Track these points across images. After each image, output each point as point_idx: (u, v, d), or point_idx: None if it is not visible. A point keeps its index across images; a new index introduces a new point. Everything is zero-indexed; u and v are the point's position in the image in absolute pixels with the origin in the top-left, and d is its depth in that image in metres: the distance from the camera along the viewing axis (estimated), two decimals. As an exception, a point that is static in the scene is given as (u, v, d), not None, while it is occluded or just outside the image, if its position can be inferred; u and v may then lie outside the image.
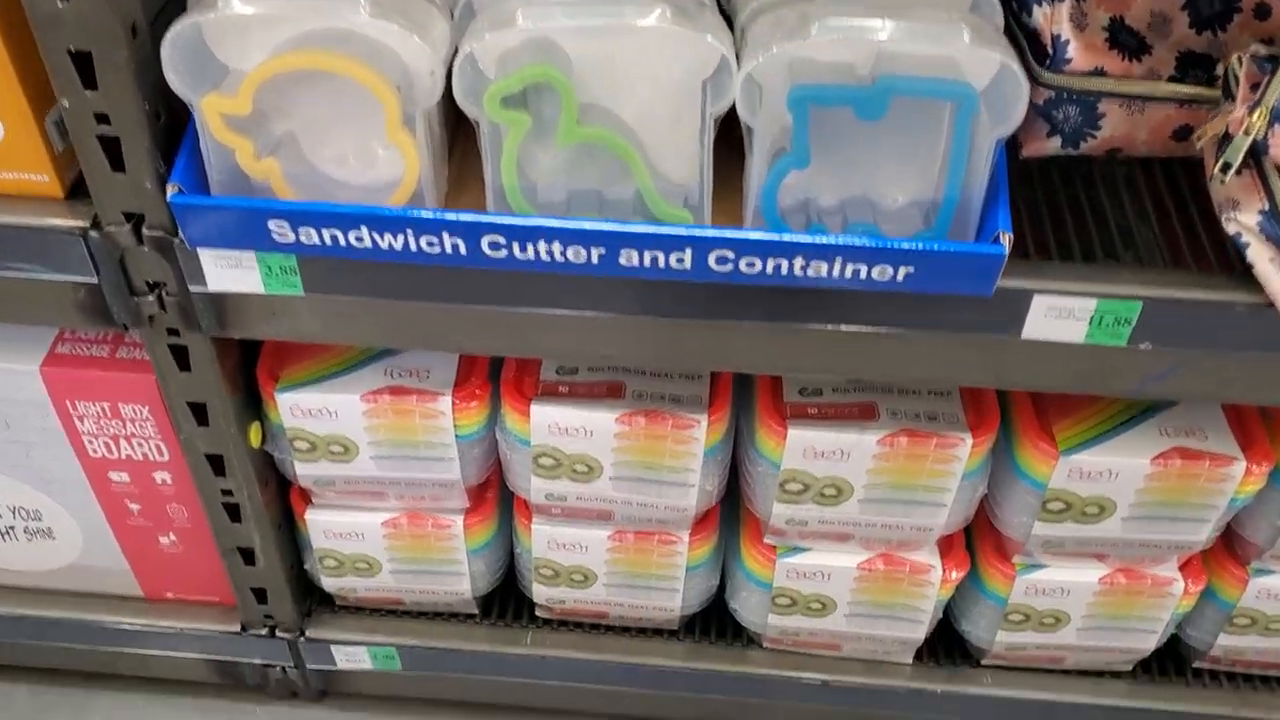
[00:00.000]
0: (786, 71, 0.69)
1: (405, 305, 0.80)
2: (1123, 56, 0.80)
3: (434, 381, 0.92)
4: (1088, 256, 0.81)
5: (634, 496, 0.96)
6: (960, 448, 0.89)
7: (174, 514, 1.03)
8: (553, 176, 0.76)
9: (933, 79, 0.68)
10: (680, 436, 0.91)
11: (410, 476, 0.97)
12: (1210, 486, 0.89)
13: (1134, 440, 0.89)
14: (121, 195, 0.76)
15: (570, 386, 0.92)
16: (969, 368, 0.80)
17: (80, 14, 0.67)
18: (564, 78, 0.70)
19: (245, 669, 1.15)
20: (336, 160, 0.77)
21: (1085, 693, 1.09)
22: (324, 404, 0.91)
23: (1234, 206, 0.74)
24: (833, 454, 0.90)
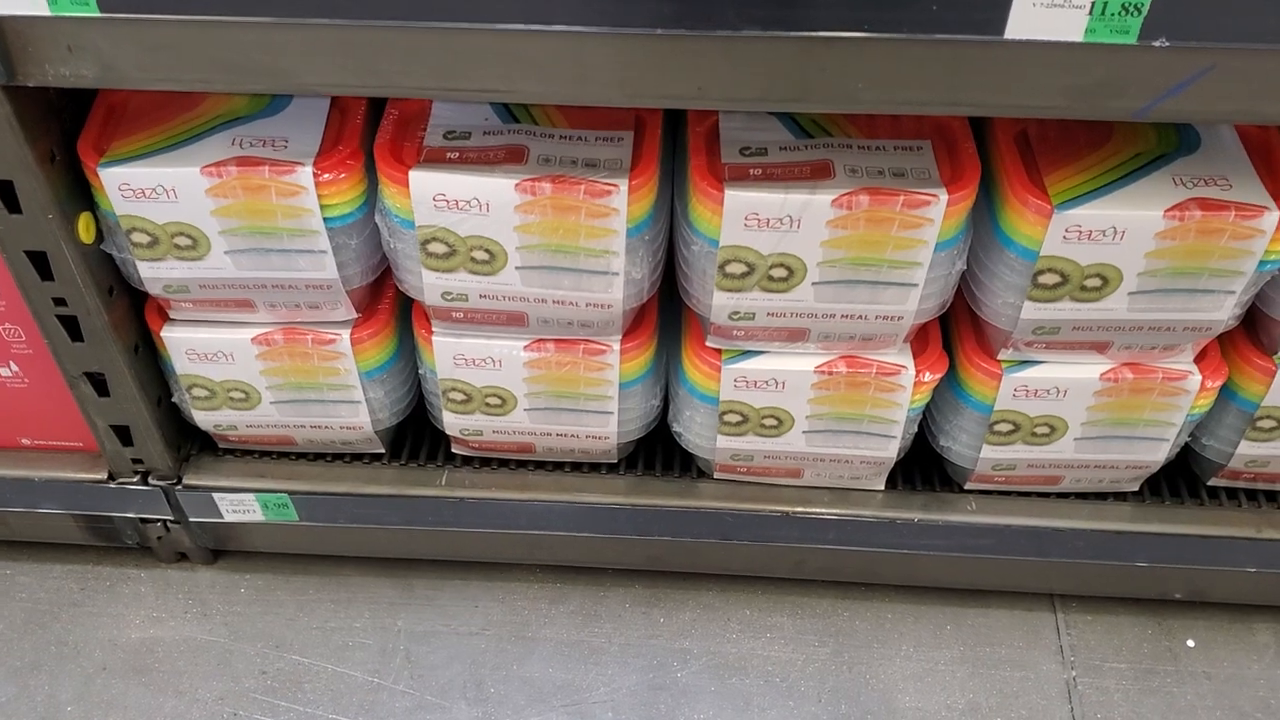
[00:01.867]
0: None
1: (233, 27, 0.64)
2: None
3: (292, 151, 0.76)
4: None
5: (548, 291, 0.80)
6: (932, 207, 0.73)
7: (9, 336, 0.87)
8: None
9: None
10: (597, 208, 0.75)
11: (277, 276, 0.81)
12: (1234, 246, 0.74)
13: (1143, 191, 0.74)
14: None
15: (460, 152, 0.76)
16: (936, 86, 0.64)
17: None
18: None
19: (120, 525, 1.00)
20: None
21: (1084, 518, 0.95)
22: (159, 180, 0.75)
23: None
24: (779, 222, 0.74)
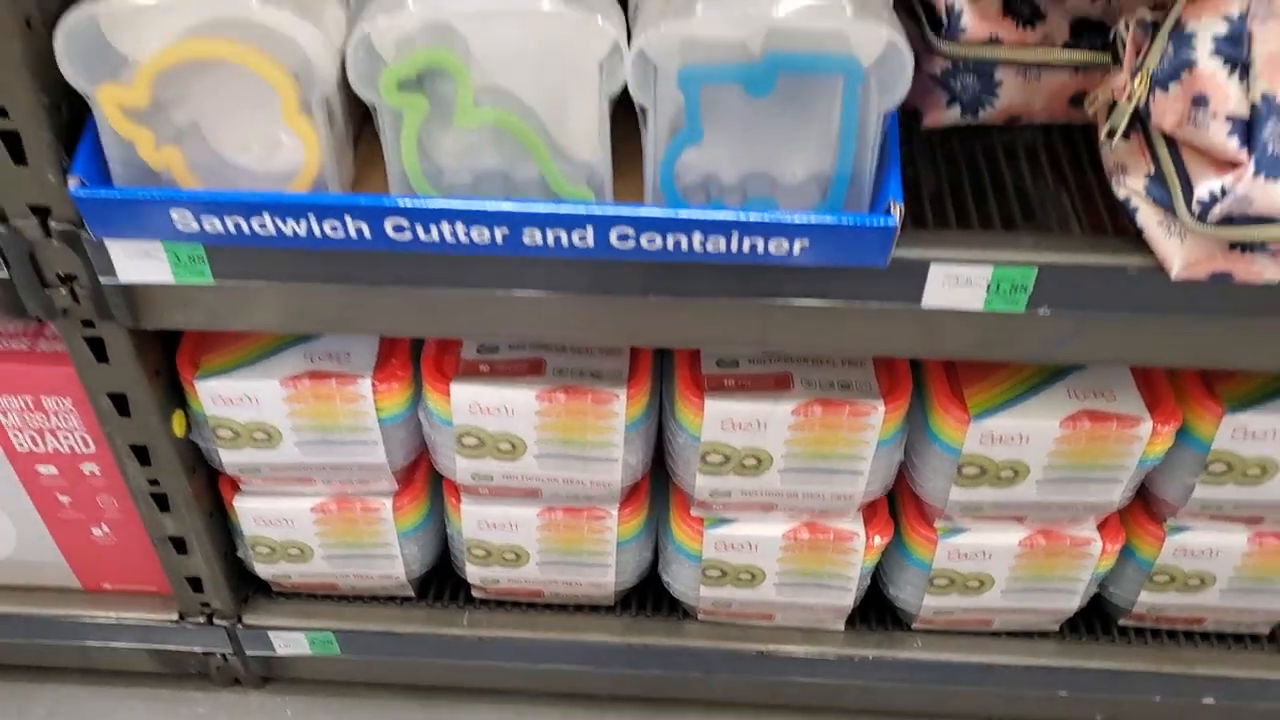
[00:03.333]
0: (678, 51, 0.70)
1: (316, 289, 0.81)
2: (1017, 24, 0.81)
3: (354, 365, 0.93)
4: (986, 224, 0.82)
5: (559, 473, 0.97)
6: (873, 415, 0.90)
7: (105, 505, 1.03)
8: (458, 159, 0.76)
9: (816, 54, 0.69)
10: (601, 411, 0.92)
11: (336, 461, 0.98)
12: (1119, 448, 0.91)
13: (1043, 404, 0.91)
14: (26, 189, 0.76)
15: (490, 365, 0.93)
16: (873, 338, 0.82)
17: (-30, 9, 0.68)
18: (458, 60, 0.70)
19: (186, 657, 1.16)
20: (239, 147, 0.77)
21: (1015, 654, 1.11)
22: (244, 391, 0.92)
23: (1123, 171, 0.76)
24: (750, 425, 0.91)
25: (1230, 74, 0.68)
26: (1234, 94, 0.68)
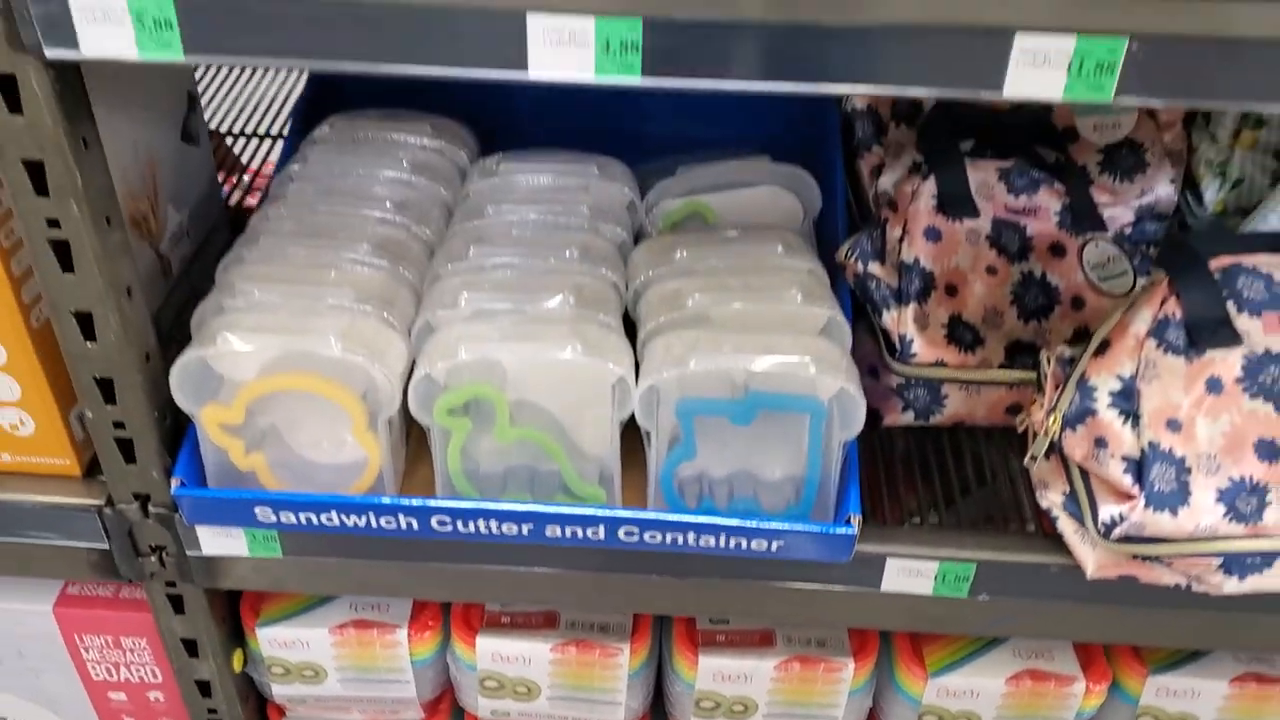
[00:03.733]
0: (676, 387, 0.86)
1: (368, 564, 0.96)
2: (959, 349, 0.98)
3: (392, 615, 1.07)
4: (937, 516, 0.97)
5: (569, 712, 1.10)
6: (844, 671, 1.04)
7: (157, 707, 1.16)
8: (493, 457, 0.92)
9: (789, 395, 0.85)
10: (607, 663, 1.05)
11: (372, 695, 1.11)
12: (1058, 702, 1.04)
13: (992, 662, 1.04)
14: (133, 482, 0.92)
15: (511, 618, 1.07)
16: (842, 613, 0.96)
17: (105, 351, 0.84)
18: (498, 392, 0.87)
19: None
20: (312, 446, 0.93)
21: None
22: (297, 637, 1.06)
23: (1045, 486, 0.91)
24: (738, 677, 1.05)
25: (1124, 422, 0.83)
26: (1128, 439, 0.83)
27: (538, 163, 1.05)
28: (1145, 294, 0.86)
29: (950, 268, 0.99)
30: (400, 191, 1.02)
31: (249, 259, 0.93)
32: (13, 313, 0.86)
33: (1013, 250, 1.01)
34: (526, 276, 0.93)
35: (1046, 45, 0.65)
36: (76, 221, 0.77)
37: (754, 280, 0.92)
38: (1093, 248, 1.03)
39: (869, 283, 0.99)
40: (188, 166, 1.09)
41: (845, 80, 0.68)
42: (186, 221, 1.10)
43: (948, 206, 1.00)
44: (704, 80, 0.68)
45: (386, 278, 0.93)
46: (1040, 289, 1.01)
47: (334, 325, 0.86)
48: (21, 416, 0.92)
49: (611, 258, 0.97)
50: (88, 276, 0.80)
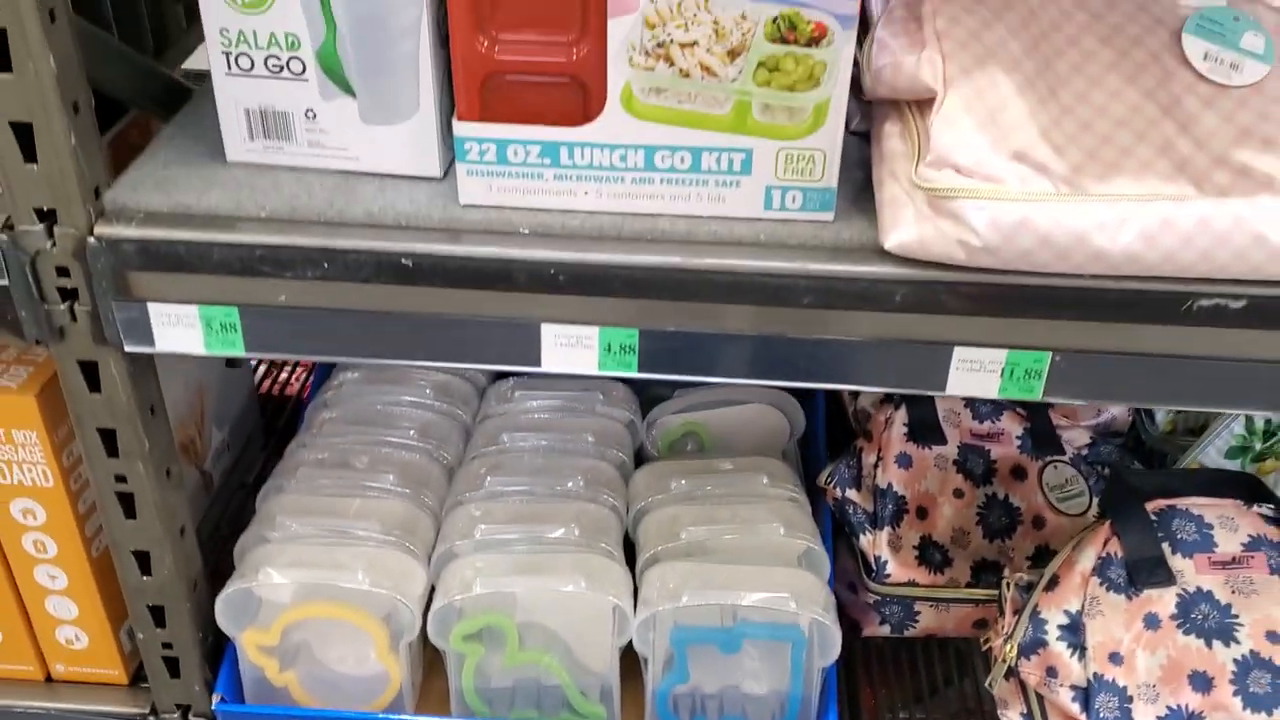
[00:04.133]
0: (671, 615, 0.96)
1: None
2: (929, 570, 1.08)
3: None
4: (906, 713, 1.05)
5: None
6: None
7: None
8: (503, 673, 1.01)
9: (773, 625, 0.95)
10: None
11: None
12: None
13: None
14: (176, 693, 1.01)
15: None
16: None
17: (158, 584, 0.94)
18: (509, 620, 0.96)
19: None
20: (339, 661, 1.02)
21: None
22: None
23: (1005, 704, 1.00)
24: None
25: (1072, 654, 0.92)
26: (1075, 670, 0.92)
27: (548, 390, 1.16)
28: (1090, 533, 0.96)
29: (921, 491, 1.10)
30: (423, 416, 1.13)
31: (286, 489, 1.03)
32: (76, 545, 0.96)
33: (978, 474, 1.12)
34: (536, 504, 1.03)
35: (982, 356, 0.76)
36: (141, 478, 0.88)
37: (742, 511, 1.02)
38: (1052, 470, 1.13)
39: (847, 508, 1.09)
40: (230, 388, 1.20)
41: (818, 380, 0.79)
42: (228, 437, 1.21)
43: (918, 434, 1.10)
44: (691, 375, 0.79)
45: (409, 505, 1.03)
46: (1003, 510, 1.11)
47: (361, 557, 0.96)
48: (77, 633, 1.02)
49: (614, 481, 1.08)
50: (148, 523, 0.90)
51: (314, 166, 0.81)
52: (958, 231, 0.70)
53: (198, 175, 0.81)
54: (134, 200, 0.78)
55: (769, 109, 0.73)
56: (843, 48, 0.71)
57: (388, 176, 0.81)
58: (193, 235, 0.76)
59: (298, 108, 0.79)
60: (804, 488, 1.08)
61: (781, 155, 0.75)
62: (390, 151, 0.80)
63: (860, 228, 0.77)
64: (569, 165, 0.76)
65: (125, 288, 0.78)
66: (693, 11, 0.70)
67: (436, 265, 0.76)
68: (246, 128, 0.80)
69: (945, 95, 0.70)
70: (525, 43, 0.73)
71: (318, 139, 0.80)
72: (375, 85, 0.78)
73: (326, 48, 0.77)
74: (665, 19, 0.70)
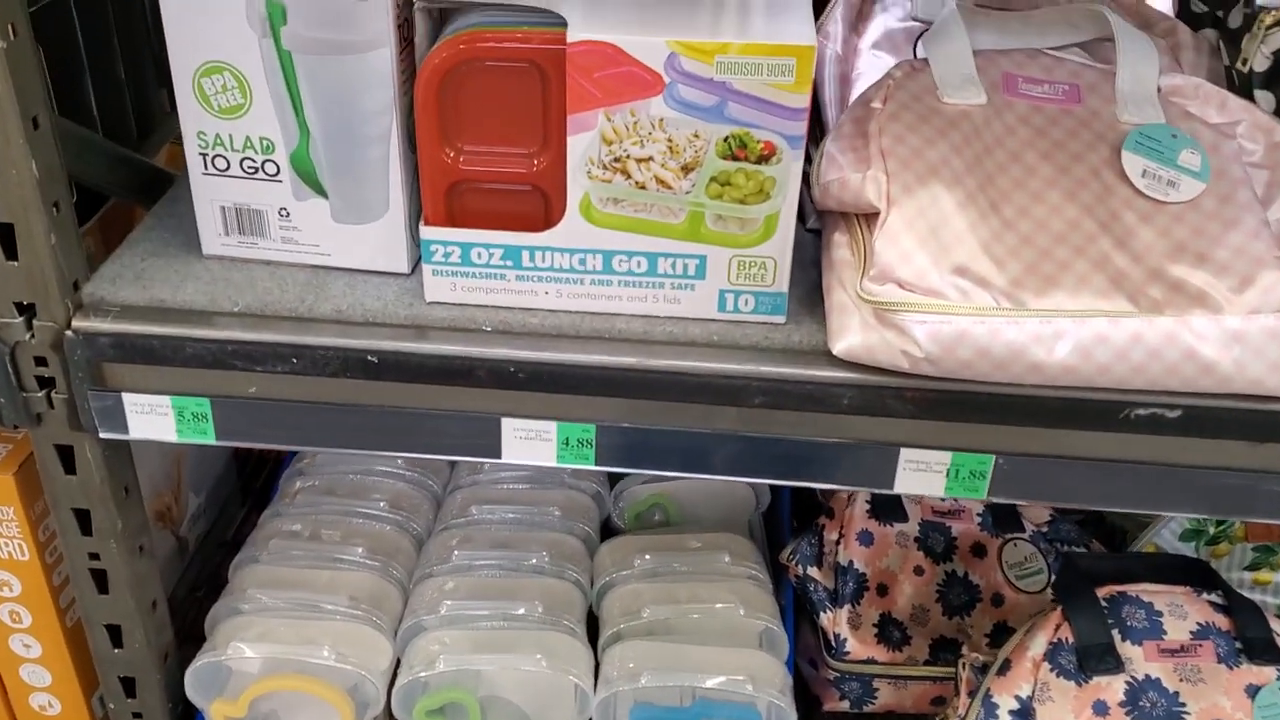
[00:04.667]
0: (631, 694, 0.98)
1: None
2: (888, 647, 1.10)
3: None
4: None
5: None
6: None
7: None
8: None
9: (731, 705, 0.97)
10: None
11: None
12: None
13: None
14: (146, 763, 1.03)
15: None
16: None
17: (130, 656, 0.96)
18: (472, 697, 0.98)
19: None
20: (307, 731, 1.04)
21: None
22: None
23: (961, 786, 1.02)
24: None
25: (1023, 737, 0.95)
26: (1026, 755, 0.94)
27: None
28: (1043, 618, 0.98)
29: (881, 569, 1.12)
30: (394, 486, 1.15)
31: (259, 560, 1.06)
32: (50, 616, 0.98)
33: (938, 551, 1.14)
34: (502, 579, 1.05)
35: (928, 457, 0.79)
36: (114, 556, 0.90)
37: (703, 589, 1.05)
38: (1011, 548, 1.16)
39: (809, 585, 1.11)
40: (208, 454, 1.22)
41: (769, 476, 0.82)
42: (204, 501, 1.23)
43: (880, 511, 1.13)
44: (647, 468, 0.82)
45: (378, 578, 1.05)
46: (963, 587, 1.13)
47: (328, 632, 0.98)
48: (50, 700, 1.04)
49: (579, 555, 1.10)
50: (120, 598, 0.93)
51: (287, 261, 0.84)
52: (901, 342, 0.73)
53: (174, 269, 0.83)
54: (111, 294, 0.81)
55: (722, 219, 0.76)
56: (791, 164, 0.74)
57: (358, 271, 0.84)
58: (167, 330, 0.79)
59: (271, 206, 0.82)
60: (767, 563, 1.11)
61: (734, 261, 0.78)
62: (360, 249, 0.83)
63: (810, 330, 0.79)
64: (530, 267, 0.79)
65: (100, 378, 0.81)
66: (648, 130, 0.73)
67: (402, 361, 0.78)
68: (222, 223, 0.83)
69: (889, 213, 0.73)
70: (489, 154, 0.76)
71: (290, 235, 0.83)
72: (346, 188, 0.81)
73: (300, 152, 0.80)
74: (622, 136, 0.73)
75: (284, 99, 0.78)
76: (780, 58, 0.70)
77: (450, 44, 0.72)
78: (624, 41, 0.70)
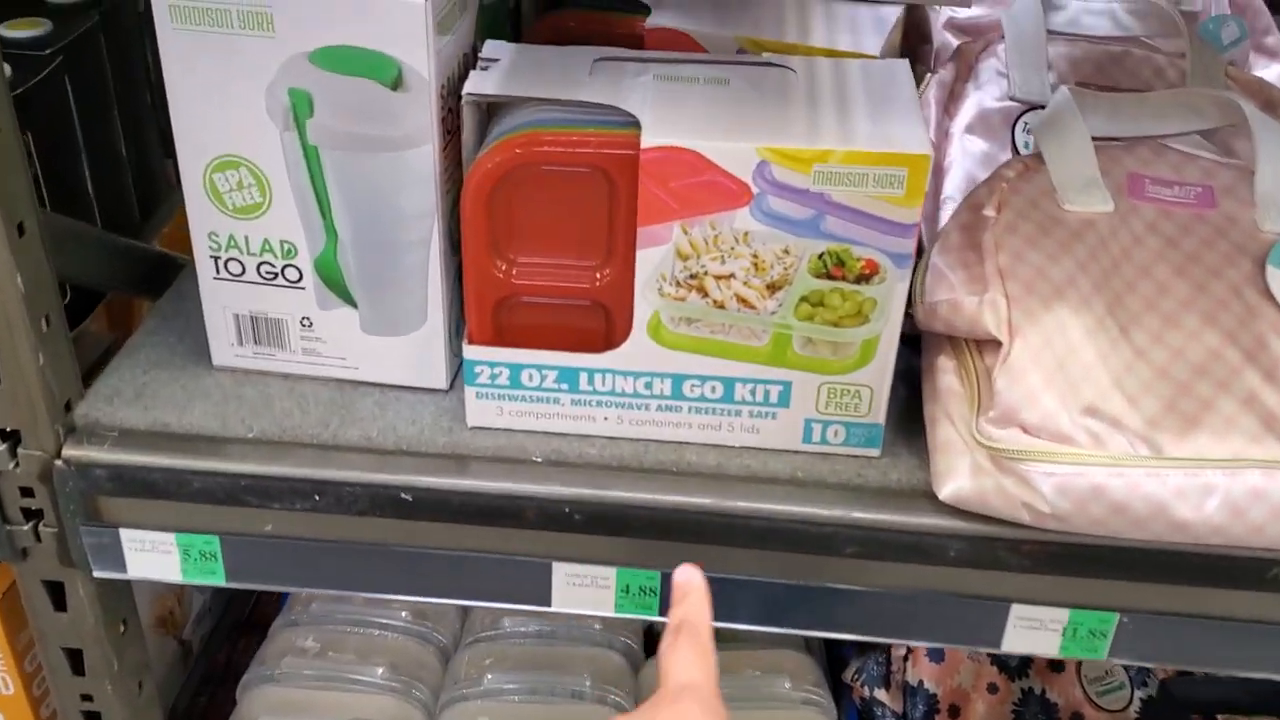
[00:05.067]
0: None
1: None
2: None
3: None
4: None
5: None
6: None
7: None
8: None
9: None
10: None
11: None
12: None
13: None
14: None
15: None
16: None
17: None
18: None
19: None
20: None
21: None
22: None
23: None
24: None
25: None
26: None
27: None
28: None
29: (953, 688, 1.02)
30: (415, 601, 1.05)
31: (270, 679, 0.96)
32: (37, 752, 0.88)
33: (1013, 666, 1.04)
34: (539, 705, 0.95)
35: (1043, 614, 0.69)
36: (109, 697, 0.80)
37: (757, 716, 0.95)
38: (1091, 662, 1.06)
39: (875, 708, 1.01)
40: (213, 549, 1.12)
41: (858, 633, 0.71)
42: (209, 600, 1.13)
43: (950, 624, 1.03)
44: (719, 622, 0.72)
45: (400, 703, 0.95)
46: (1040, 706, 1.03)
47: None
48: (37, 838, 0.94)
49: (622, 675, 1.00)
50: (115, 741, 0.82)
51: (309, 374, 0.74)
52: (1023, 494, 0.63)
53: (180, 383, 0.73)
54: (108, 415, 0.71)
55: (812, 343, 0.66)
56: (896, 285, 0.64)
57: (389, 386, 0.74)
58: (171, 461, 0.69)
59: (293, 315, 0.72)
60: (828, 681, 1.01)
61: (824, 389, 0.68)
62: (392, 363, 0.73)
63: (909, 467, 0.69)
64: (589, 391, 0.69)
65: (95, 512, 0.71)
66: (730, 244, 0.63)
67: (439, 500, 0.69)
68: (235, 333, 0.73)
69: (1011, 345, 0.63)
70: (545, 267, 0.67)
71: (313, 347, 0.73)
72: (379, 297, 0.71)
73: (326, 257, 0.70)
74: (700, 251, 0.63)
75: (309, 198, 0.68)
76: (889, 167, 0.60)
77: (504, 147, 0.62)
78: (707, 148, 0.60)
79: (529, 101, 0.65)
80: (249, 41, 0.63)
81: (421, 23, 0.61)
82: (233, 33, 0.63)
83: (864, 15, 0.78)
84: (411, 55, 0.62)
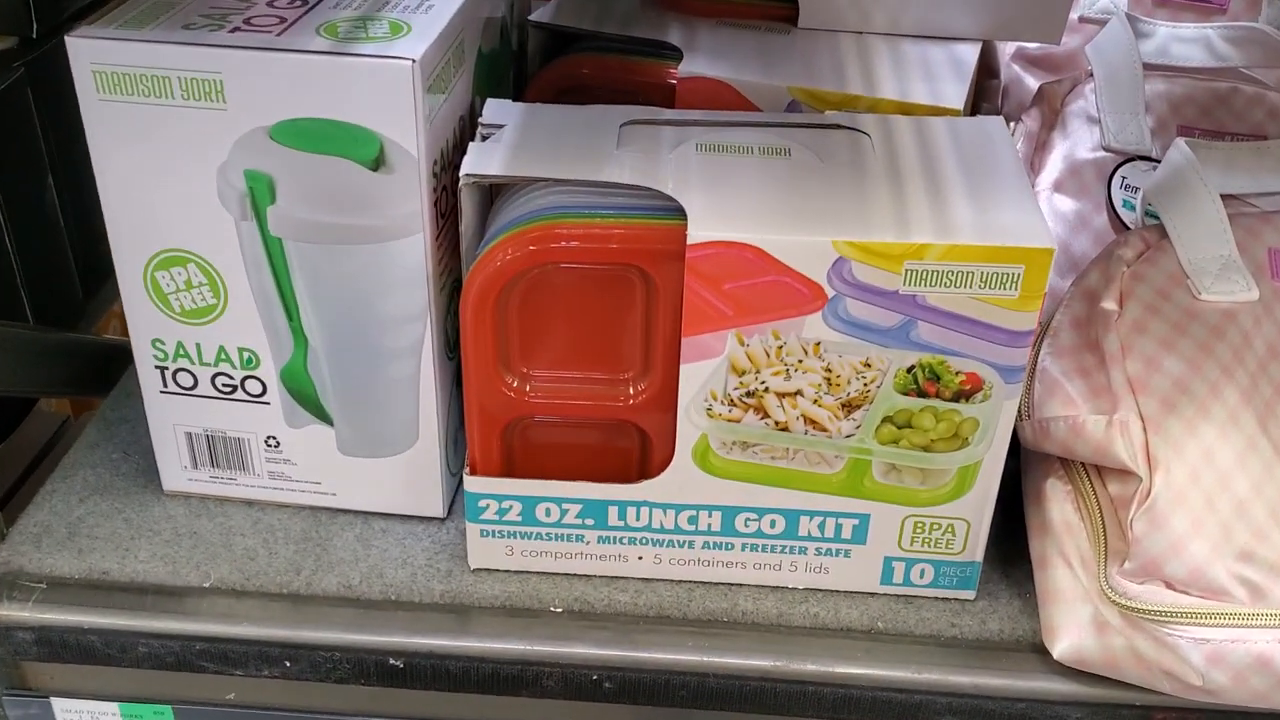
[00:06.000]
0: None
1: None
2: None
3: None
4: None
5: None
6: None
7: None
8: None
9: None
10: None
11: None
12: None
13: None
14: None
15: None
16: None
17: None
18: None
19: None
20: None
21: None
22: None
23: None
24: None
25: None
26: None
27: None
28: None
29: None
30: None
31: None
32: None
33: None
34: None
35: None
36: None
37: None
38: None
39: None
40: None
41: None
42: None
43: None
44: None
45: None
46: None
47: None
48: None
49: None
50: None
51: (277, 501, 0.62)
52: (1164, 660, 0.51)
53: (123, 515, 0.61)
54: (35, 561, 0.58)
55: (896, 470, 0.54)
56: (1004, 403, 0.51)
57: (374, 515, 0.61)
58: (110, 622, 0.56)
59: (255, 434, 0.59)
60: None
61: (909, 523, 0.55)
62: (377, 488, 0.60)
63: (1010, 613, 0.57)
64: (619, 527, 0.56)
65: (21, 679, 0.58)
66: (798, 357, 0.51)
67: (437, 666, 0.56)
68: (189, 454, 0.61)
69: (1153, 484, 0.50)
70: (566, 382, 0.54)
71: (281, 470, 0.60)
72: (360, 414, 0.58)
73: (294, 367, 0.57)
74: (759, 364, 0.51)
75: (272, 300, 0.55)
76: (1002, 264, 0.48)
77: (514, 242, 0.50)
78: (771, 243, 0.48)
79: (544, 182, 0.52)
80: (196, 114, 0.50)
81: (408, 88, 0.49)
82: (175, 104, 0.50)
83: (937, 57, 0.66)
84: (395, 128, 0.50)
